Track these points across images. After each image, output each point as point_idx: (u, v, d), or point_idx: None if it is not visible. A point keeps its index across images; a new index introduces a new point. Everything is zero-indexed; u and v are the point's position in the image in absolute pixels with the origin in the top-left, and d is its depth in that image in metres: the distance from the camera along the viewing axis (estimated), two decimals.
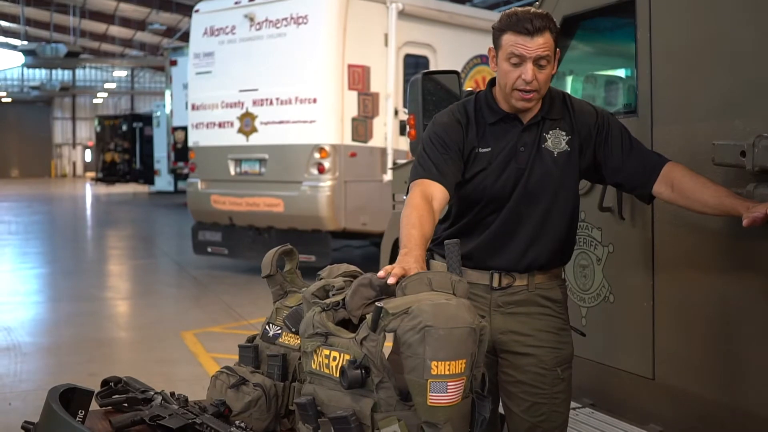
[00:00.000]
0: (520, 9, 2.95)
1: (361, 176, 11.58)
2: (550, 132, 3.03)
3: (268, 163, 12.04)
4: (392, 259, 5.75)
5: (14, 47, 51.74)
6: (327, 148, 11.40)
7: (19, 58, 46.32)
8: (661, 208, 3.37)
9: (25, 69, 56.72)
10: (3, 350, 8.33)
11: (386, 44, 11.73)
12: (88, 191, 42.29)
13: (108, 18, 45.80)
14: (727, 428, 3.26)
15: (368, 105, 11.67)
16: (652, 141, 3.43)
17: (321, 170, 11.43)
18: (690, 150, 3.23)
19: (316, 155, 11.44)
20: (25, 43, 44.86)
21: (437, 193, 2.90)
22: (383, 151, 11.69)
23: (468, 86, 12.08)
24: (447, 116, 3.10)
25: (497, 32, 2.96)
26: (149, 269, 14.85)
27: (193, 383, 6.69)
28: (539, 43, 2.88)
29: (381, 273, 2.41)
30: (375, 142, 11.71)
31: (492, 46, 3.01)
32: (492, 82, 3.11)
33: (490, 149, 3.04)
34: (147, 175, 34.34)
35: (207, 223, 13.07)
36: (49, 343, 8.85)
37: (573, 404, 3.94)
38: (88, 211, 30.96)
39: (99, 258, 16.88)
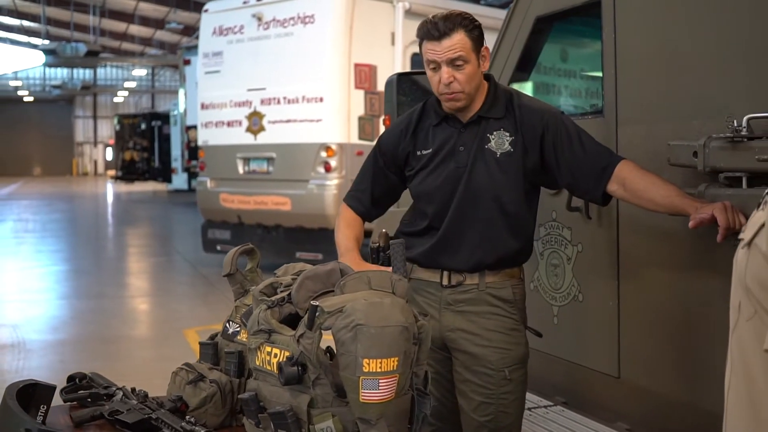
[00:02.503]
0: (433, 15, 2.98)
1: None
2: (494, 132, 3.06)
3: (276, 162, 12.11)
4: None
5: (35, 46, 52.10)
6: (334, 147, 11.46)
7: (41, 57, 46.62)
8: (625, 208, 3.39)
9: (46, 68, 57.08)
10: (7, 347, 8.43)
11: (393, 43, 11.76)
12: (109, 189, 42.53)
13: (127, 17, 46.05)
14: (690, 426, 3.29)
15: (375, 104, 11.70)
16: (617, 141, 3.46)
17: (328, 169, 11.49)
18: (652, 150, 3.25)
19: (323, 154, 11.49)
20: (47, 42, 45.17)
21: (357, 221, 3.32)
22: None
23: None
24: (393, 123, 3.24)
25: (419, 41, 3.02)
26: (161, 267, 14.96)
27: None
28: (447, 46, 2.93)
29: None
30: None
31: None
32: None
33: (430, 150, 3.10)
34: (165, 173, 34.48)
35: (216, 221, 13.14)
36: (54, 340, 8.95)
37: (545, 402, 3.99)
38: (107, 210, 31.16)
39: (113, 256, 17.02)
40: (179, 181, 31.56)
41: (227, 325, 2.93)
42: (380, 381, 2.12)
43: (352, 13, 11.37)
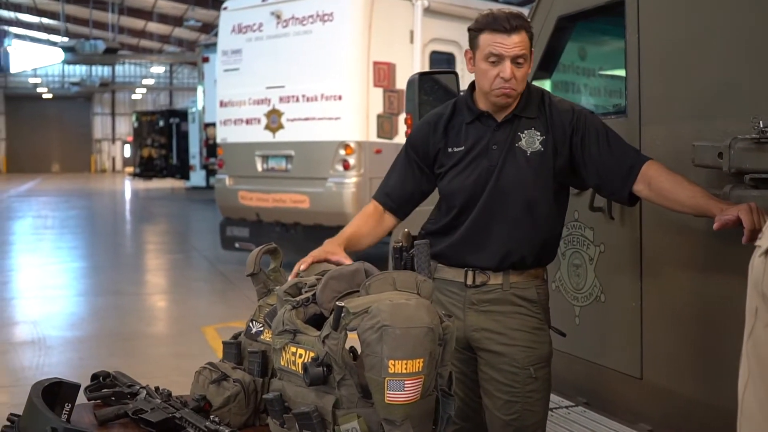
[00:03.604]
0: (496, 9, 2.99)
1: (386, 173, 11.58)
2: (525, 131, 3.06)
3: (294, 160, 12.11)
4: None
5: (55, 44, 52.27)
6: (352, 145, 11.46)
7: (60, 54, 46.70)
8: (649, 208, 3.38)
9: (65, 65, 57.24)
10: (27, 343, 8.49)
11: (412, 41, 11.75)
12: (127, 186, 42.69)
13: (146, 14, 46.16)
14: (713, 428, 3.27)
15: (394, 102, 11.70)
16: (641, 141, 3.45)
17: (346, 167, 11.49)
18: (675, 150, 3.24)
19: (342, 152, 11.49)
20: (66, 39, 45.26)
21: (386, 215, 3.28)
22: None
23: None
24: (424, 118, 3.22)
25: (474, 33, 3.02)
26: (179, 264, 15.00)
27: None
28: (516, 41, 2.94)
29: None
30: (400, 138, 11.70)
31: (468, 48, 3.06)
32: (473, 85, 3.16)
33: (462, 148, 3.10)
34: (183, 170, 34.52)
35: (235, 218, 13.15)
36: (73, 337, 9.00)
37: (566, 402, 3.98)
38: (125, 207, 31.30)
39: (131, 253, 17.09)
40: (197, 178, 31.60)
41: (250, 324, 2.94)
42: (406, 382, 2.12)
43: (371, 11, 11.36)
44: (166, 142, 36.81)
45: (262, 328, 2.88)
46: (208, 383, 2.81)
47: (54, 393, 2.70)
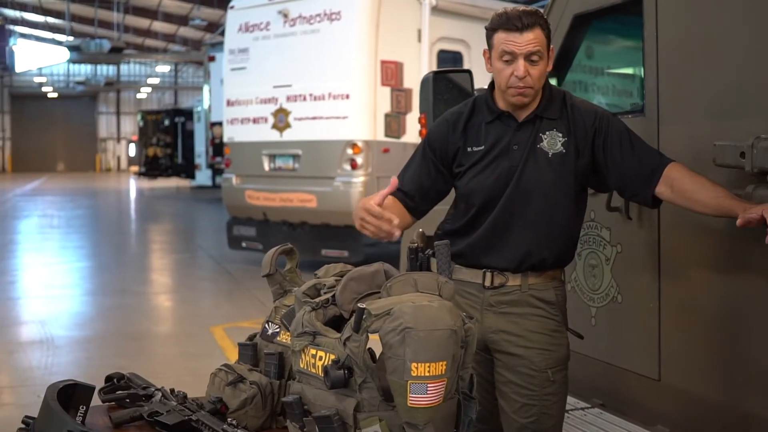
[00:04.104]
0: (510, 7, 2.96)
1: (394, 172, 11.36)
2: (547, 132, 3.03)
3: (302, 159, 12.09)
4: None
5: (60, 43, 52.32)
6: (360, 144, 11.43)
7: (65, 53, 46.73)
8: (667, 208, 3.34)
9: (70, 64, 57.30)
10: (36, 343, 8.47)
11: (419, 40, 11.72)
12: (132, 185, 42.70)
13: (151, 13, 46.18)
14: (731, 430, 3.25)
15: (401, 101, 11.67)
16: (659, 140, 3.42)
17: (354, 166, 11.46)
18: (694, 150, 3.21)
19: (349, 151, 11.47)
20: (71, 38, 45.39)
21: (396, 207, 3.18)
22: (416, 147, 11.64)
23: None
24: (442, 116, 3.19)
25: (489, 32, 3.00)
26: (185, 263, 14.99)
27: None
28: (529, 39, 2.91)
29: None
30: (408, 137, 11.70)
31: (486, 47, 3.04)
32: (493, 84, 3.13)
33: (482, 147, 3.07)
34: (189, 169, 34.51)
35: (242, 218, 13.14)
36: (81, 337, 8.98)
37: (582, 404, 3.95)
38: (130, 206, 31.30)
39: (137, 252, 17.08)
40: (203, 177, 31.60)
41: (266, 325, 2.91)
42: (428, 385, 2.08)
43: (379, 9, 11.33)
44: (172, 141, 36.78)
45: (278, 330, 2.85)
46: (224, 385, 2.78)
47: (69, 395, 2.68)
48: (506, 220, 3.05)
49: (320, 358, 2.30)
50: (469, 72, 4.25)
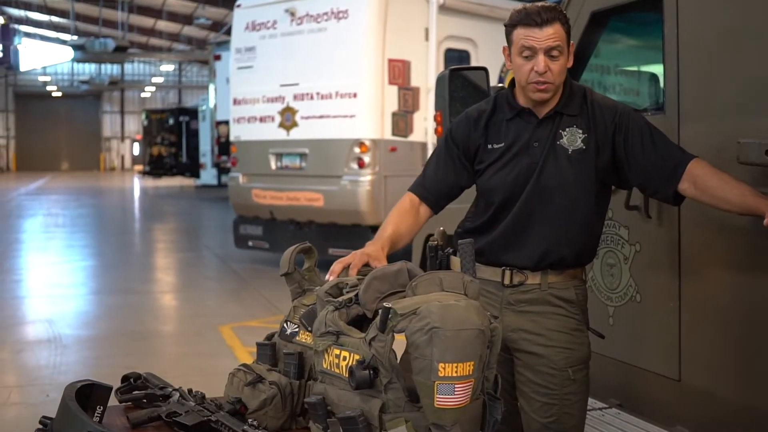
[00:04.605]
0: (529, 4, 2.94)
1: (401, 171, 11.53)
2: (567, 129, 3.00)
3: (309, 158, 12.06)
4: (424, 256, 5.75)
5: (64, 42, 52.33)
6: (367, 143, 11.40)
7: (69, 52, 46.75)
8: (688, 206, 3.30)
9: (74, 63, 57.35)
10: (44, 342, 8.44)
11: (427, 39, 11.70)
12: (136, 184, 42.70)
13: (155, 13, 46.17)
14: (753, 431, 3.21)
15: (408, 100, 11.65)
16: (679, 138, 3.38)
17: (361, 165, 11.43)
18: (716, 147, 3.17)
19: (356, 150, 11.44)
20: (75, 38, 45.31)
21: (422, 208, 3.16)
22: (423, 146, 11.65)
23: (509, 81, 12.00)
24: (465, 112, 3.16)
25: (509, 29, 2.98)
26: (191, 262, 14.97)
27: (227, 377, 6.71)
28: (548, 34, 2.88)
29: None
30: (415, 136, 11.68)
31: (506, 44, 3.01)
32: (514, 81, 3.10)
33: (503, 144, 3.04)
34: (193, 168, 34.47)
35: (248, 217, 13.12)
36: (89, 336, 8.96)
37: (600, 404, 3.91)
38: (134, 204, 31.30)
39: (142, 251, 17.08)
40: (208, 176, 31.56)
41: (285, 325, 2.87)
42: (456, 386, 2.06)
43: (386, 8, 11.31)
44: (176, 140, 36.80)
45: (297, 329, 2.81)
46: (243, 385, 2.74)
47: (86, 395, 2.65)
48: (526, 217, 3.02)
49: (344, 359, 2.27)
50: (485, 69, 4.20)
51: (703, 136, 3.30)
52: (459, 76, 4.16)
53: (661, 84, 3.62)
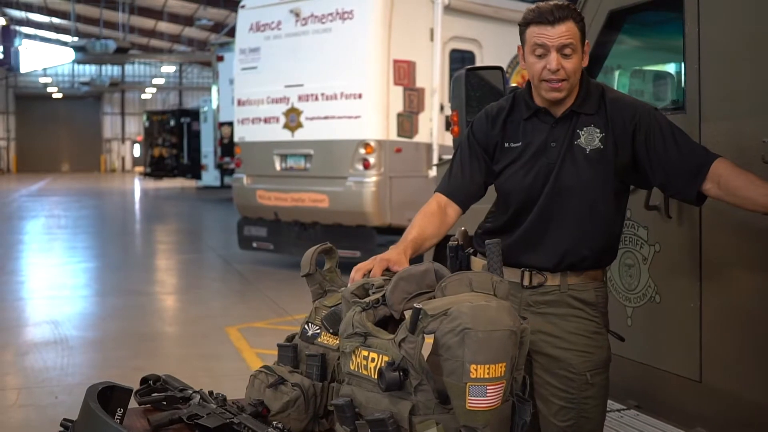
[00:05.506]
0: (542, 3, 2.91)
1: (406, 172, 11.53)
2: (584, 128, 2.96)
3: (314, 159, 12.03)
4: (435, 254, 5.73)
5: (65, 43, 52.34)
6: (372, 144, 11.38)
7: (70, 54, 46.75)
8: (709, 206, 3.26)
9: (75, 65, 57.35)
10: (50, 344, 8.41)
11: (432, 39, 11.67)
12: (137, 186, 42.69)
13: (156, 14, 46.21)
14: None
15: (414, 100, 11.62)
16: (700, 138, 3.35)
17: (366, 166, 11.41)
18: (738, 147, 3.15)
19: (362, 151, 11.42)
20: (76, 39, 45.29)
21: (450, 209, 3.11)
22: (429, 147, 11.62)
23: (514, 82, 11.97)
24: (484, 110, 3.14)
25: (522, 27, 2.96)
26: (195, 264, 14.94)
27: (236, 379, 6.67)
28: (561, 32, 2.86)
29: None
30: (420, 137, 11.66)
31: (520, 44, 2.99)
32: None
33: (520, 144, 3.02)
34: (194, 169, 34.44)
35: (252, 218, 13.09)
36: (95, 337, 8.93)
37: (618, 406, 3.89)
38: (136, 206, 31.27)
39: (146, 252, 17.05)
40: (210, 177, 31.53)
41: (306, 327, 2.84)
42: (488, 387, 2.03)
43: (391, 8, 11.28)
44: (177, 141, 36.78)
45: (319, 331, 2.78)
46: (265, 387, 2.72)
47: (107, 397, 2.62)
48: (545, 218, 2.99)
49: (373, 360, 2.24)
50: (501, 69, 4.19)
51: (726, 135, 3.27)
52: (475, 75, 4.14)
53: (682, 83, 3.59)
